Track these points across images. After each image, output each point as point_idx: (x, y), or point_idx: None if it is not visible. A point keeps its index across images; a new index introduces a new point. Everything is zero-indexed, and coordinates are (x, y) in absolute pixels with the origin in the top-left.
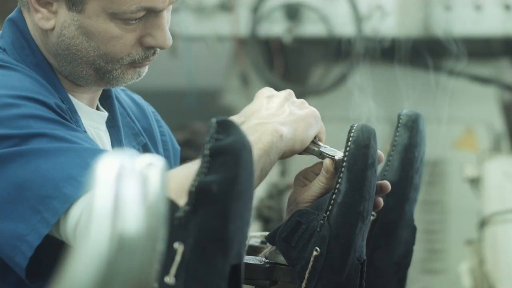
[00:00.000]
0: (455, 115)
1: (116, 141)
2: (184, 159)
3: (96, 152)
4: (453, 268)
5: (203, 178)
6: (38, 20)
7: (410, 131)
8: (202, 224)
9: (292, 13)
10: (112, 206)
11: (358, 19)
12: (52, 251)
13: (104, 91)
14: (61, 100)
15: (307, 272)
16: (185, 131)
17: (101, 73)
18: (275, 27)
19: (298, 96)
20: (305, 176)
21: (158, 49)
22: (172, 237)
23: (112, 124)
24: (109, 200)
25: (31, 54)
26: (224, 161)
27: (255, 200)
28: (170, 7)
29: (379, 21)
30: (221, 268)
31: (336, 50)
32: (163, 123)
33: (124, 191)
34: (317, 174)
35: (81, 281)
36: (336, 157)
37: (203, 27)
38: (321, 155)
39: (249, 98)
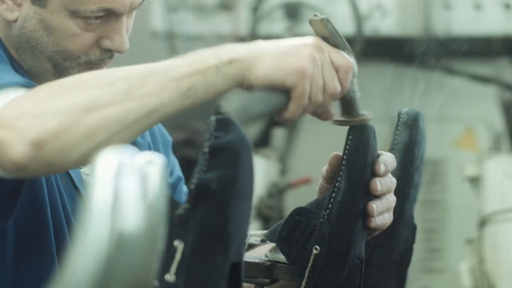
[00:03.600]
0: (455, 114)
1: None
2: (184, 159)
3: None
4: (453, 267)
5: (203, 176)
6: (2, 11)
7: (410, 129)
8: (202, 222)
9: (292, 12)
10: (111, 204)
11: (358, 18)
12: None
13: None
14: None
15: (307, 270)
16: (185, 131)
17: (59, 70)
18: (275, 26)
19: None
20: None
21: (115, 53)
22: (172, 235)
23: None
24: (109, 197)
25: None
26: (224, 158)
27: (255, 199)
28: (133, 14)
29: (379, 21)
30: (221, 266)
31: None
32: None
33: (123, 188)
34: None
35: (80, 278)
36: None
37: (203, 26)
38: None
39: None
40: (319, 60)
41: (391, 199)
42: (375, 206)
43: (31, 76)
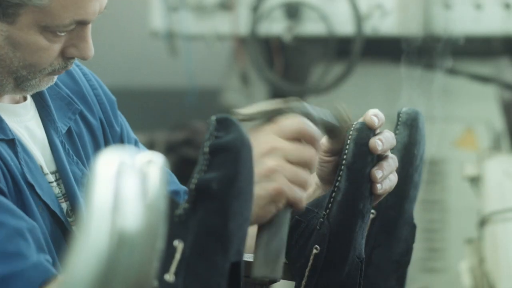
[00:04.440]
0: (455, 114)
1: (49, 121)
2: (184, 158)
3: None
4: (453, 267)
5: (203, 175)
6: None
7: (410, 129)
8: (202, 222)
9: (292, 12)
10: (111, 203)
11: (358, 18)
12: None
13: None
14: None
15: (307, 270)
16: (185, 130)
17: (20, 82)
18: (275, 26)
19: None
20: None
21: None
22: (172, 235)
23: (41, 104)
24: (109, 197)
25: None
26: (224, 158)
27: None
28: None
29: (379, 20)
30: (221, 265)
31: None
32: (90, 75)
33: (123, 188)
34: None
35: (81, 277)
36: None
37: (203, 26)
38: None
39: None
40: (279, 171)
41: (391, 161)
42: (380, 172)
43: None
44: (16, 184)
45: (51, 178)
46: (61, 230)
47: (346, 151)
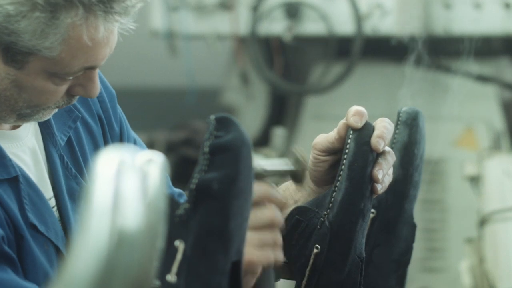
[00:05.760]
0: (455, 114)
1: (47, 135)
2: (184, 158)
3: None
4: (453, 267)
5: (203, 175)
6: None
7: (410, 128)
8: (202, 222)
9: (292, 12)
10: (111, 202)
11: (358, 17)
12: None
13: None
14: None
15: (308, 269)
16: (185, 130)
17: (22, 117)
18: (275, 25)
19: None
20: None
21: None
22: (173, 235)
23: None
24: (109, 196)
25: None
26: (224, 158)
27: None
28: None
29: (379, 20)
30: (222, 265)
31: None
32: None
33: (123, 187)
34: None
35: (81, 276)
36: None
37: (203, 25)
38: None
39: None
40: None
41: (390, 158)
42: (380, 172)
43: None
44: (17, 229)
45: (53, 202)
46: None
47: (347, 151)
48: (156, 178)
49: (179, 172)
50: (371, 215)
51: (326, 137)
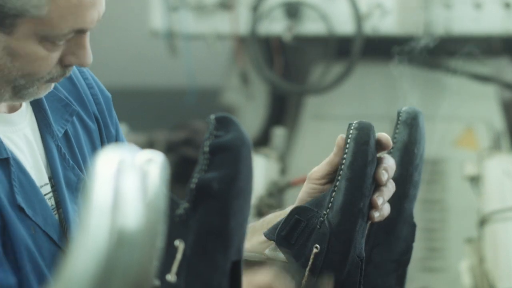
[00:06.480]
0: (455, 114)
1: (44, 125)
2: (184, 158)
3: None
4: (453, 267)
5: (203, 175)
6: None
7: (410, 128)
8: (202, 221)
9: (292, 12)
10: (111, 201)
11: (358, 17)
12: None
13: None
14: None
15: (308, 269)
16: (185, 130)
17: (17, 90)
18: (275, 25)
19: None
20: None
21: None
22: (172, 235)
23: (38, 108)
24: (109, 195)
25: None
26: (224, 158)
27: (255, 198)
28: None
29: (379, 20)
30: (222, 264)
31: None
32: (87, 73)
33: (123, 186)
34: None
35: (81, 276)
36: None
37: (203, 25)
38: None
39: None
40: None
41: (391, 187)
42: (380, 198)
43: None
44: (2, 209)
45: (47, 189)
46: (56, 248)
47: (346, 150)
48: (156, 177)
49: (179, 172)
50: None
51: (321, 163)
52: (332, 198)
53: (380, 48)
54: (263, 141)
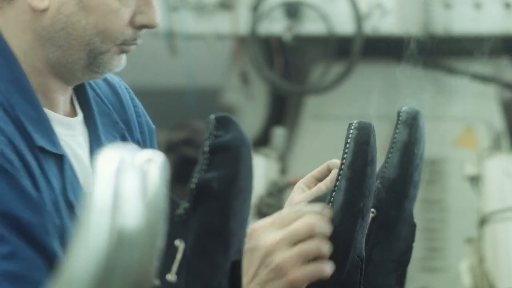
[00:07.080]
0: (455, 114)
1: (95, 137)
2: (184, 158)
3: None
4: (453, 267)
5: (203, 175)
6: (31, 1)
7: (410, 128)
8: (202, 221)
9: (292, 12)
10: (111, 201)
11: (358, 17)
12: None
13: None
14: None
15: None
16: (185, 130)
17: (92, 57)
18: (275, 25)
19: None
20: (307, 184)
21: (144, 31)
22: (172, 235)
23: (90, 121)
24: (109, 195)
25: (5, 65)
26: (224, 157)
27: (255, 198)
28: None
29: (379, 20)
30: (222, 264)
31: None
32: (137, 101)
33: (123, 186)
34: (320, 180)
35: (80, 276)
36: None
37: (203, 25)
38: None
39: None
40: (287, 263)
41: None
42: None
43: (58, 67)
44: (55, 202)
45: None
46: None
47: (346, 150)
48: (156, 177)
49: (179, 172)
50: (371, 215)
51: (310, 191)
52: (332, 198)
53: (380, 48)
54: (263, 141)
